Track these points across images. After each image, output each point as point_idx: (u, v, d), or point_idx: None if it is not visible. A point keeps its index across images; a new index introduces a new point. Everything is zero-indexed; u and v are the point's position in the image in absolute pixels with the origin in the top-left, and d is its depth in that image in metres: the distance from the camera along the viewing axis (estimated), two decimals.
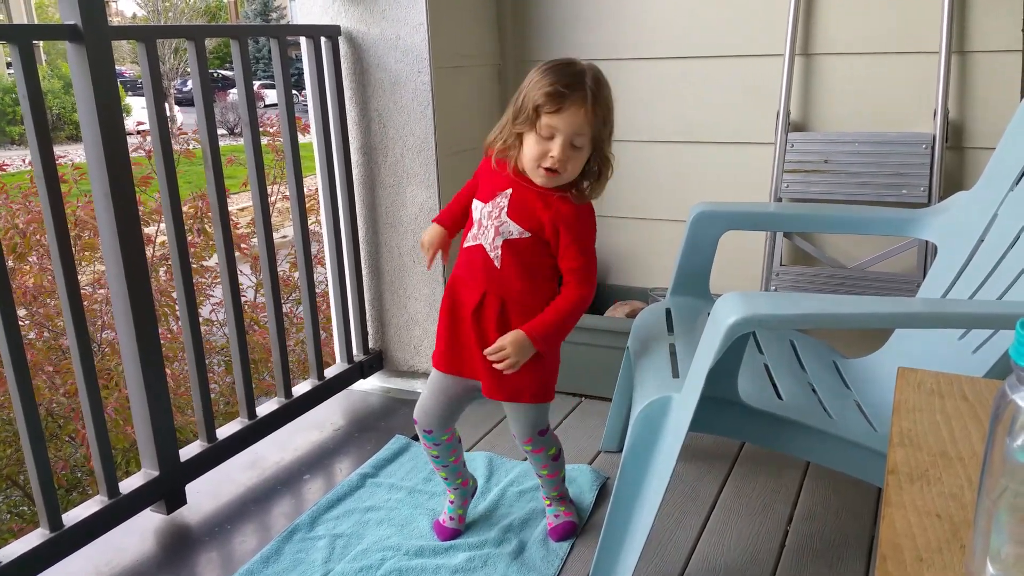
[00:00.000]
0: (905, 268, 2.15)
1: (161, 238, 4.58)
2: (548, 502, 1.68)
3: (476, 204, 1.47)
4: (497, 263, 1.43)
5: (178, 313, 4.21)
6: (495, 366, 1.42)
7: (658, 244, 2.41)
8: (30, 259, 4.13)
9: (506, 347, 1.40)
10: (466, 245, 1.48)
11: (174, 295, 4.19)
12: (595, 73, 1.38)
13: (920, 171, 2.03)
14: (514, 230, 1.42)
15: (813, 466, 1.91)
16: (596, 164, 1.41)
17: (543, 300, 1.45)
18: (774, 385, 1.49)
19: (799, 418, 1.34)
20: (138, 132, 4.45)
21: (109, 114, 1.53)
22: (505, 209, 1.43)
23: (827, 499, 1.78)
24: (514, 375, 1.44)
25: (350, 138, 2.23)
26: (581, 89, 1.34)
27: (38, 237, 4.15)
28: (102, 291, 4.24)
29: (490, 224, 1.44)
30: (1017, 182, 1.58)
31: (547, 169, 1.37)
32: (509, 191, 1.43)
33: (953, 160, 2.07)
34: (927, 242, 2.03)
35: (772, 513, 1.74)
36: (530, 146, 1.37)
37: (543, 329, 1.42)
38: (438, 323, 1.53)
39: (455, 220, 1.57)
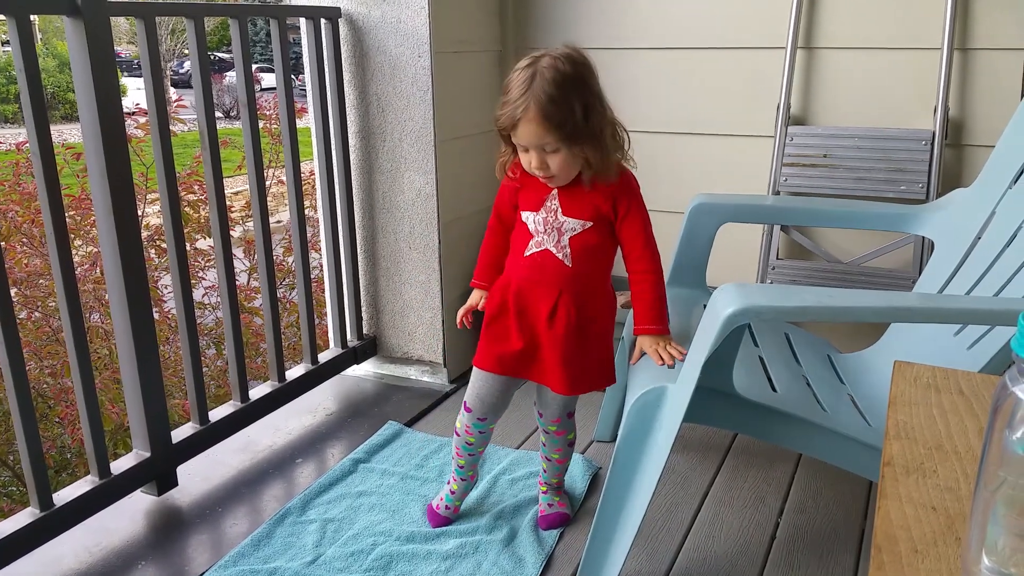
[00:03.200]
0: (901, 264, 2.15)
1: (146, 220, 4.55)
2: (544, 488, 1.69)
3: (527, 216, 1.47)
4: (568, 262, 1.44)
5: (162, 295, 4.21)
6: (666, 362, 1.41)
7: (655, 235, 2.40)
8: (13, 242, 4.11)
9: (666, 357, 1.40)
10: (528, 253, 1.47)
11: (155, 276, 4.17)
12: (553, 71, 1.30)
13: (919, 167, 2.03)
14: (576, 225, 1.43)
15: (805, 459, 1.91)
16: (595, 147, 1.35)
17: (607, 284, 1.50)
18: (768, 377, 1.50)
19: (793, 411, 1.34)
20: (131, 115, 4.42)
21: (107, 91, 1.51)
22: (559, 210, 1.44)
23: (818, 492, 1.79)
24: (587, 368, 1.47)
25: (348, 122, 2.22)
26: (529, 106, 1.30)
27: (20, 221, 4.13)
28: (88, 274, 4.21)
29: (551, 228, 1.44)
30: (1015, 180, 1.58)
31: (542, 176, 1.40)
32: (555, 192, 1.44)
33: (952, 157, 2.07)
34: (924, 238, 2.03)
35: (763, 505, 1.75)
36: (520, 156, 1.41)
37: (661, 314, 1.45)
38: (490, 326, 1.51)
39: (492, 271, 1.57)
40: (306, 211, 2.24)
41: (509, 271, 1.51)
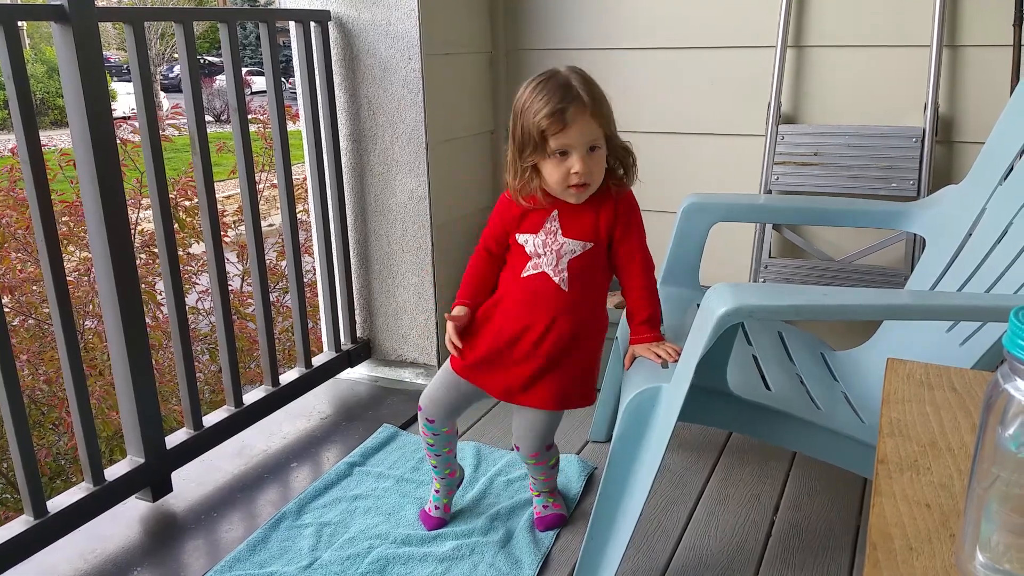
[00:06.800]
0: (893, 261, 2.16)
1: (140, 225, 4.52)
2: (536, 492, 1.69)
3: (525, 238, 1.44)
4: (565, 286, 1.42)
5: (159, 300, 4.19)
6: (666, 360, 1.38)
7: (648, 235, 2.40)
8: (7, 248, 4.08)
9: (662, 353, 1.38)
10: (525, 275, 1.44)
11: (151, 280, 4.16)
12: (580, 76, 1.37)
13: (910, 164, 2.04)
14: (576, 247, 1.42)
15: (799, 456, 1.92)
16: (616, 156, 1.41)
17: (601, 307, 1.48)
18: (762, 376, 1.50)
19: (787, 409, 1.34)
20: (127, 119, 4.40)
21: (96, 97, 1.51)
22: (559, 231, 1.42)
23: (813, 489, 1.79)
24: (562, 382, 1.45)
25: (339, 125, 2.22)
26: (578, 99, 1.32)
27: (14, 227, 4.11)
28: (83, 279, 4.19)
29: (549, 251, 1.42)
30: (1006, 176, 1.58)
31: (575, 186, 1.37)
32: (555, 212, 1.42)
33: (942, 154, 2.08)
34: (915, 235, 2.04)
35: (758, 503, 1.75)
36: (550, 172, 1.37)
37: (656, 324, 1.44)
38: (471, 330, 1.49)
39: (477, 295, 1.52)
40: (298, 215, 2.23)
41: (503, 288, 1.49)
